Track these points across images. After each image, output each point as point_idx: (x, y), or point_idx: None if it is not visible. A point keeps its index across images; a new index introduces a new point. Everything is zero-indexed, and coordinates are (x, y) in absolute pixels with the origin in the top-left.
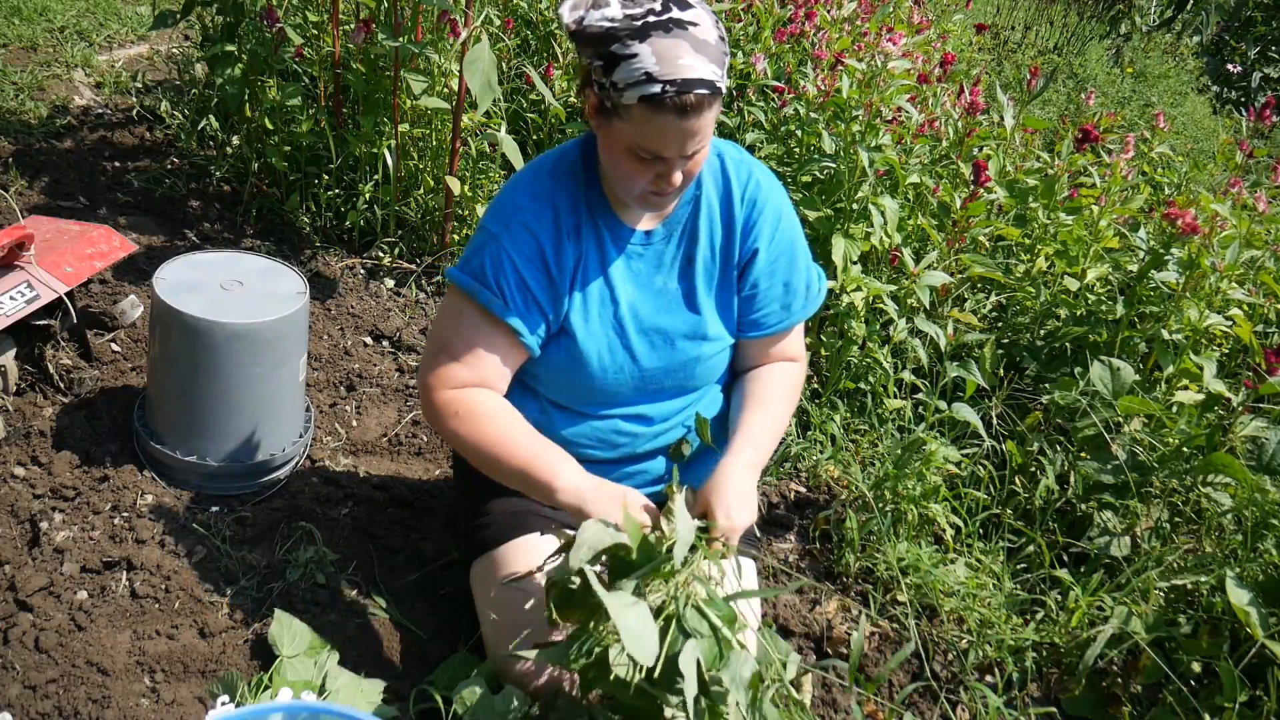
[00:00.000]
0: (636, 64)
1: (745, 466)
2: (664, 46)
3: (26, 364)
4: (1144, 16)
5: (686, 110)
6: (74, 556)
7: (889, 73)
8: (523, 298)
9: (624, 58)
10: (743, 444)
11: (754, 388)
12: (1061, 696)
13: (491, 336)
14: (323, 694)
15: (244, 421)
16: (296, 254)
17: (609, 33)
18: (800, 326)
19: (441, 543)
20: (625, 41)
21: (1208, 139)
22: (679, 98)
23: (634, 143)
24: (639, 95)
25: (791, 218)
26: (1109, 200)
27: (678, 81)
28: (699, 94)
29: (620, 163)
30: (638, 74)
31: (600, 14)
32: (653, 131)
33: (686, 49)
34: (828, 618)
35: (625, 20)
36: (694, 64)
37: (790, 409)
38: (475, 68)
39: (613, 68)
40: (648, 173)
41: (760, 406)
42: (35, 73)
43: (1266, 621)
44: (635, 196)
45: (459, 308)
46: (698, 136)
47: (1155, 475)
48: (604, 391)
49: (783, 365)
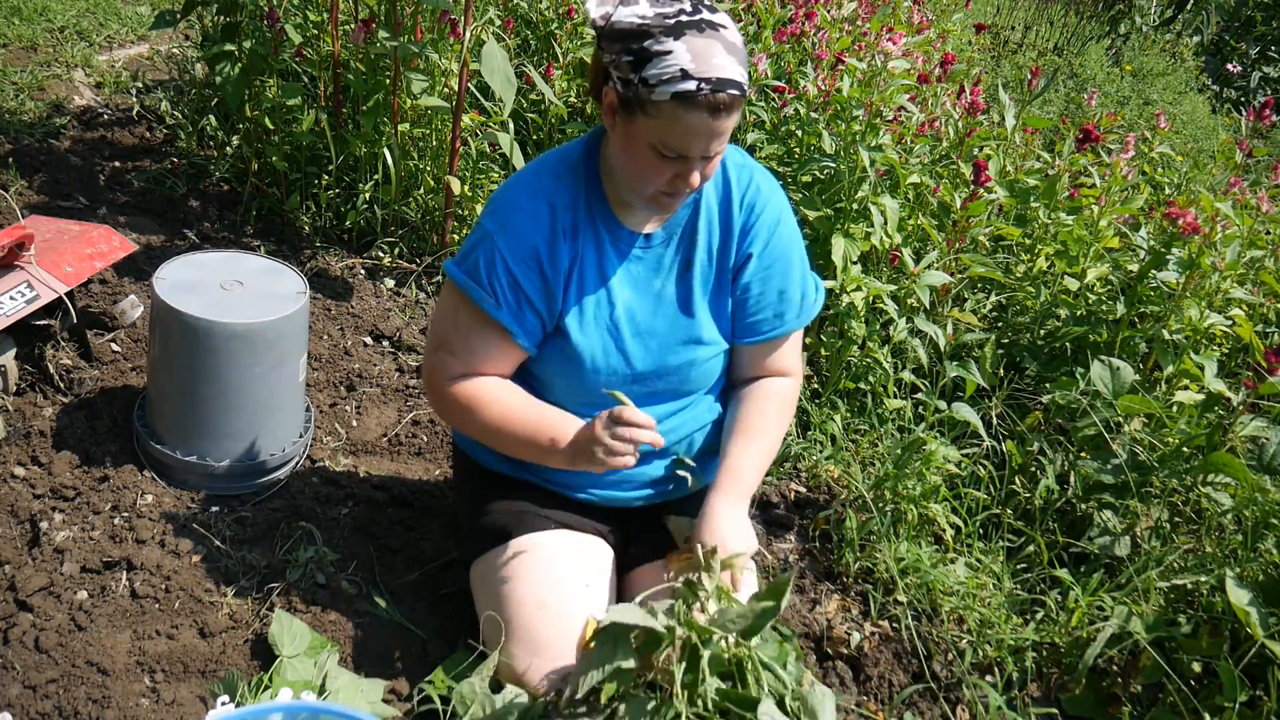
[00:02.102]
0: (670, 60)
1: (733, 500)
2: (699, 45)
3: (26, 364)
4: (1144, 16)
5: (719, 109)
6: (74, 556)
7: (889, 72)
8: (515, 297)
9: (657, 54)
10: (728, 479)
11: (744, 414)
12: (1061, 696)
13: (486, 334)
14: (323, 694)
15: (244, 421)
16: (296, 254)
17: (641, 29)
18: (797, 338)
19: (441, 543)
20: (659, 38)
21: (1207, 138)
22: (713, 96)
23: (659, 140)
24: (672, 91)
25: (790, 224)
26: (1109, 200)
27: (713, 80)
28: (731, 94)
29: (639, 160)
30: (672, 70)
31: (631, 10)
32: (682, 129)
33: (720, 49)
34: (828, 618)
35: (657, 18)
36: (726, 64)
37: (783, 429)
38: (492, 66)
39: (644, 64)
40: (666, 171)
41: (750, 437)
42: (35, 73)
43: (1266, 621)
44: (647, 196)
45: (454, 304)
46: (723, 137)
47: (1155, 475)
48: (599, 393)
49: (776, 382)
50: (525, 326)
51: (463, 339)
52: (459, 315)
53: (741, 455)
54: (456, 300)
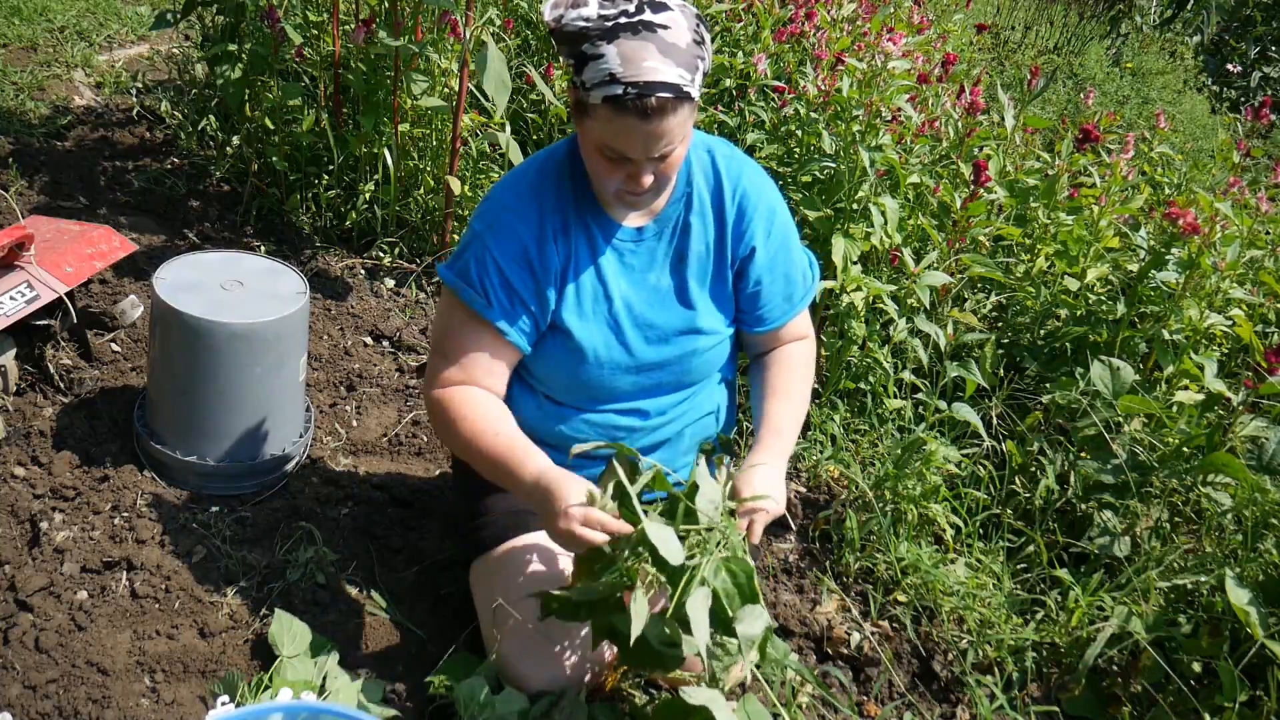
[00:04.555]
0: (602, 64)
1: (774, 457)
2: (630, 48)
3: (26, 364)
4: (1144, 16)
5: (648, 113)
6: (74, 556)
7: (889, 73)
8: (507, 297)
9: (592, 57)
10: (769, 436)
11: (771, 377)
12: (1061, 696)
13: (479, 336)
14: (323, 694)
15: (244, 421)
16: (296, 254)
17: (582, 32)
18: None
19: (441, 543)
20: (595, 41)
21: (1207, 138)
22: (640, 100)
23: (602, 142)
24: (603, 95)
25: (784, 211)
26: (1109, 200)
27: (640, 84)
28: (661, 97)
29: (593, 161)
30: (602, 74)
31: (577, 13)
32: (617, 132)
33: (653, 51)
34: (828, 618)
35: (599, 20)
36: (659, 67)
37: (809, 388)
38: (487, 69)
39: (582, 67)
40: (618, 173)
41: (781, 396)
42: (35, 73)
43: (1266, 621)
44: (611, 195)
45: (449, 306)
46: (664, 139)
47: (1155, 475)
48: (601, 387)
49: (795, 346)
50: (518, 325)
51: (457, 342)
52: (452, 317)
53: (779, 414)
54: (450, 302)
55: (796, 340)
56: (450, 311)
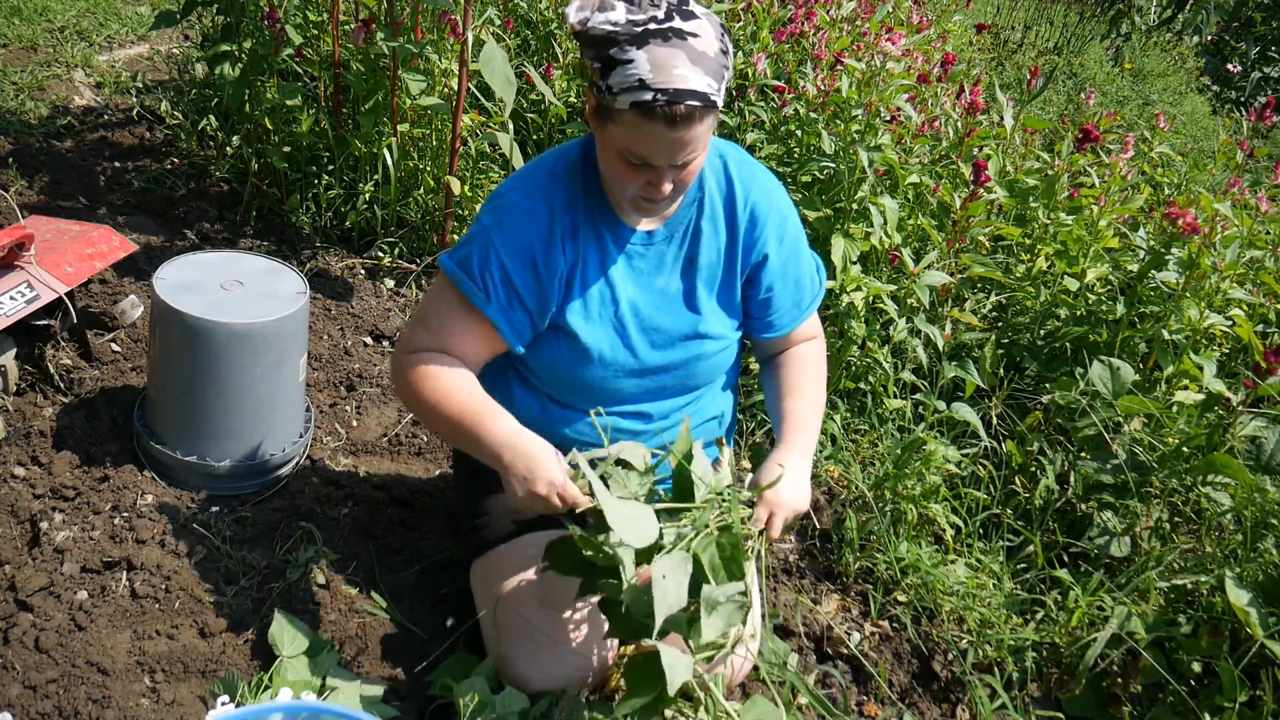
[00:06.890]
0: (631, 70)
1: (798, 454)
2: (660, 55)
3: (26, 364)
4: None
5: (676, 121)
6: (74, 556)
7: (889, 73)
8: (506, 293)
9: (620, 62)
10: (792, 433)
11: (787, 375)
12: (1061, 696)
13: (468, 323)
14: (323, 694)
15: (244, 421)
16: (296, 254)
17: (610, 36)
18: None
19: (441, 543)
20: (624, 47)
21: (1207, 138)
22: (669, 107)
23: (625, 148)
24: (631, 101)
25: (795, 217)
26: (1109, 200)
27: (669, 91)
28: (690, 105)
29: (612, 166)
30: (631, 80)
31: (604, 17)
32: (643, 138)
33: (683, 59)
34: (828, 618)
35: (627, 25)
36: (689, 75)
37: (824, 386)
38: (492, 66)
39: (609, 71)
40: (638, 179)
41: (798, 394)
42: (35, 73)
43: (1266, 621)
44: (628, 200)
45: (443, 290)
46: (688, 147)
47: (1155, 475)
48: (606, 390)
49: (806, 346)
50: (514, 323)
51: (441, 321)
52: (444, 301)
53: (800, 410)
54: (445, 288)
55: (807, 340)
56: (442, 295)
